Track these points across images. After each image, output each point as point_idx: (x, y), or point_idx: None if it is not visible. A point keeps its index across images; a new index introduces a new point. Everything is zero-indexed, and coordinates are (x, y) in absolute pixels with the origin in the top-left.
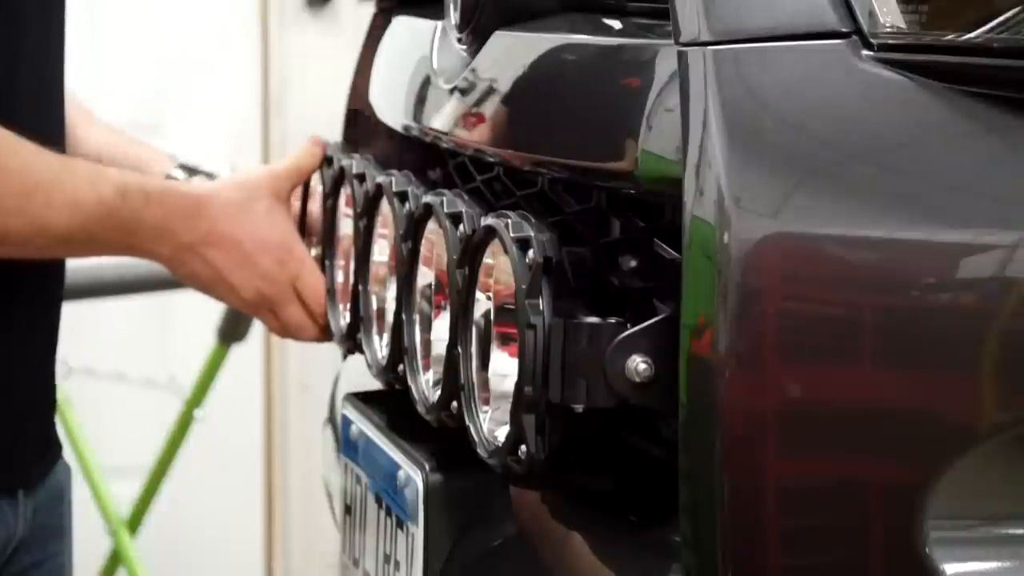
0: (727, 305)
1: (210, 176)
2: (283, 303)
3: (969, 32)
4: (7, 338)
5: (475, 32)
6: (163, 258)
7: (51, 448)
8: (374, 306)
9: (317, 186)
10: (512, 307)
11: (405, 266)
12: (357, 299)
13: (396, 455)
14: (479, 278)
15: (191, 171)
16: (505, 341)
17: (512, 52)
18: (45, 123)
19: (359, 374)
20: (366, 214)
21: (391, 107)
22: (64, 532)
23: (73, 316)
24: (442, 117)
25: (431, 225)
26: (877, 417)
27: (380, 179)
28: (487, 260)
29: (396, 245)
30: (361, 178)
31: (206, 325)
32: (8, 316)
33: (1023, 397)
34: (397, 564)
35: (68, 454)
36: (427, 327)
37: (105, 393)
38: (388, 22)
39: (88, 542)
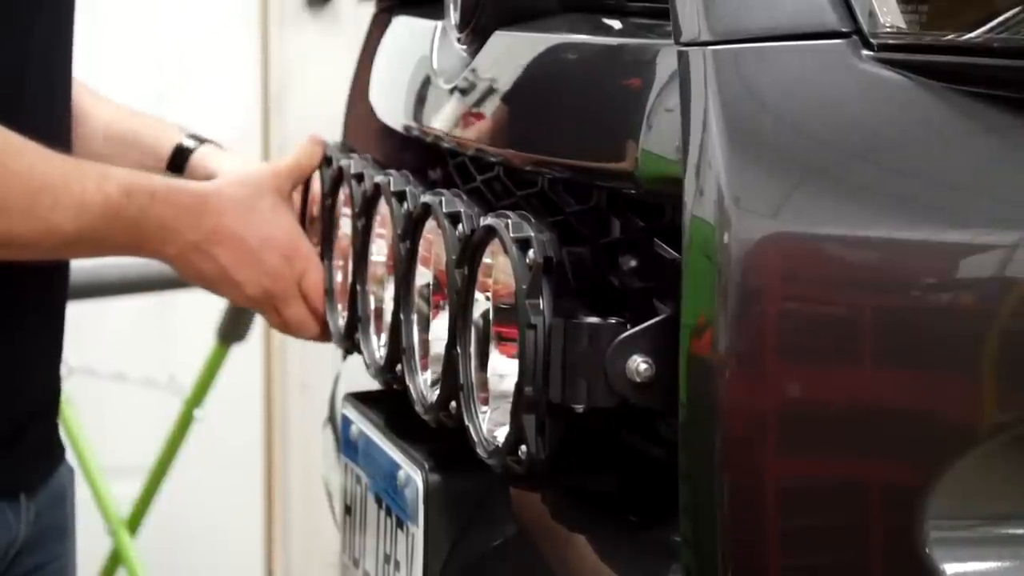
0: (727, 305)
1: (218, 146)
2: (288, 300)
3: (969, 32)
4: (10, 341)
5: (475, 32)
6: (169, 257)
7: (54, 451)
8: (372, 306)
9: (316, 185)
10: (511, 307)
11: (403, 266)
12: (355, 299)
13: (396, 455)
14: (478, 278)
15: (200, 140)
16: (504, 341)
17: (512, 52)
18: (52, 125)
19: (359, 374)
20: (364, 214)
21: (391, 107)
22: (67, 534)
23: (73, 316)
24: (442, 117)
25: (430, 224)
26: (877, 417)
27: (378, 179)
28: (486, 260)
29: (394, 245)
30: (359, 178)
31: (206, 325)
32: (12, 319)
33: (1023, 397)
34: (397, 564)
35: (68, 454)
36: (425, 327)
37: (105, 393)
38: (388, 22)
39: (88, 542)
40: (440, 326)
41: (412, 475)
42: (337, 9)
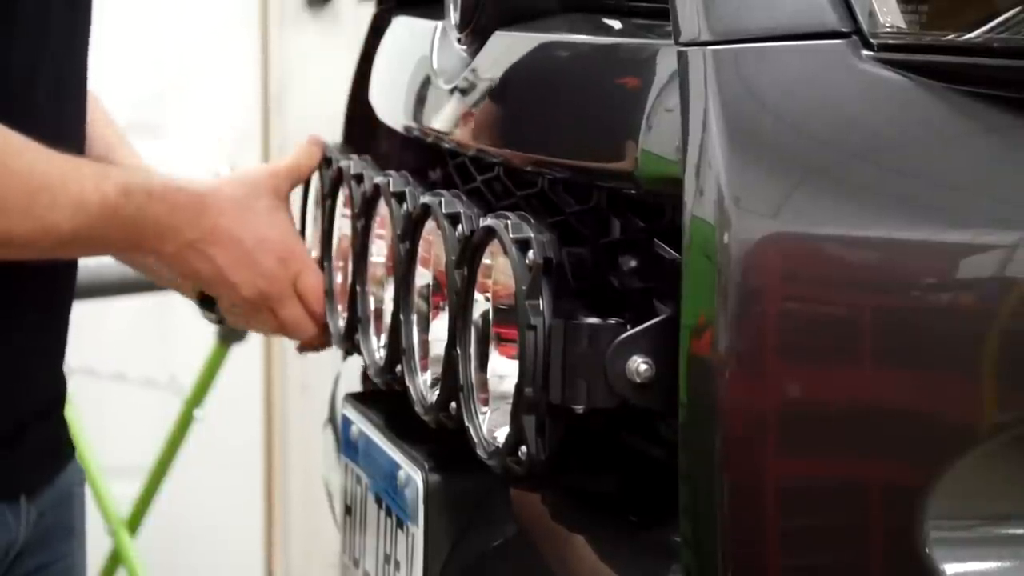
0: (727, 305)
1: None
2: (283, 302)
3: (969, 32)
4: (11, 341)
5: (475, 32)
6: (166, 256)
7: (58, 453)
8: (372, 307)
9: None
10: (510, 308)
11: (403, 266)
12: (355, 300)
13: (396, 455)
14: (478, 279)
15: None
16: (503, 342)
17: (512, 52)
18: (63, 125)
19: (360, 374)
20: (364, 214)
21: (391, 107)
22: (73, 533)
23: (73, 316)
24: (442, 117)
25: (429, 225)
26: (877, 417)
27: (378, 179)
28: (485, 261)
29: (394, 246)
30: (359, 179)
31: (206, 325)
32: (13, 319)
33: (1023, 397)
34: (397, 564)
35: None
36: (425, 328)
37: (105, 393)
38: (388, 22)
39: (88, 542)
40: (440, 327)
41: (412, 475)
42: (337, 9)
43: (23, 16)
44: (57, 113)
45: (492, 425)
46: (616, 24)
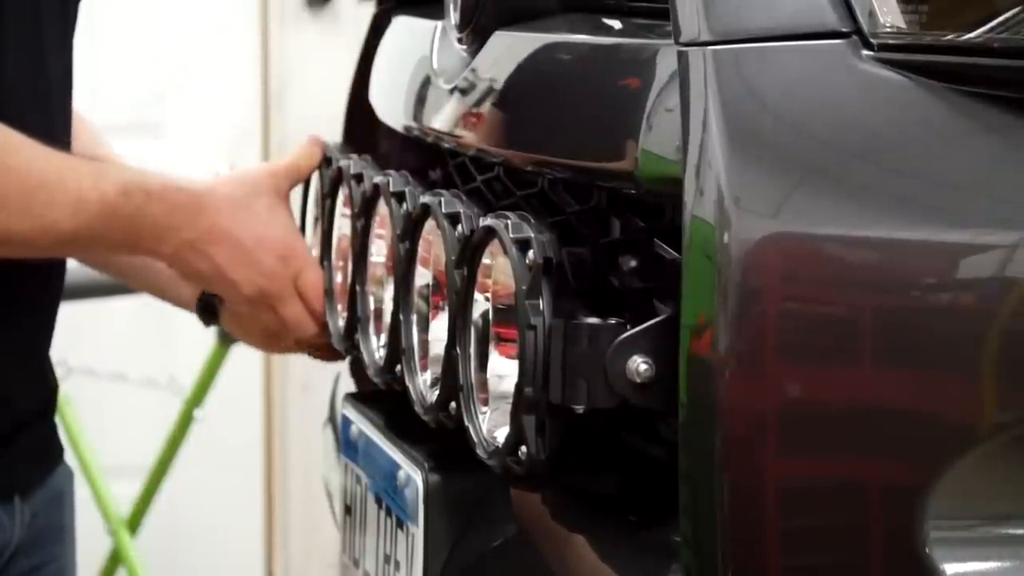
0: (727, 305)
1: None
2: (284, 300)
3: (969, 32)
4: (7, 341)
5: (475, 32)
6: (164, 256)
7: (50, 453)
8: (371, 306)
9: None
10: (510, 307)
11: (403, 266)
12: (355, 299)
13: (396, 455)
14: (477, 278)
15: None
16: (503, 342)
17: (512, 52)
18: (52, 126)
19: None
20: (363, 214)
21: (391, 107)
22: (65, 535)
23: (73, 316)
24: (442, 117)
25: (429, 225)
26: (877, 417)
27: (377, 179)
28: (485, 261)
29: (394, 245)
30: (359, 178)
31: None
32: (9, 319)
33: (1023, 397)
34: (397, 564)
35: (68, 454)
36: (424, 327)
37: (105, 393)
38: (388, 22)
39: (88, 542)
40: (440, 327)
41: (412, 475)
42: (337, 9)
43: (14, 27)
44: (45, 120)
45: (492, 425)
46: (616, 24)
